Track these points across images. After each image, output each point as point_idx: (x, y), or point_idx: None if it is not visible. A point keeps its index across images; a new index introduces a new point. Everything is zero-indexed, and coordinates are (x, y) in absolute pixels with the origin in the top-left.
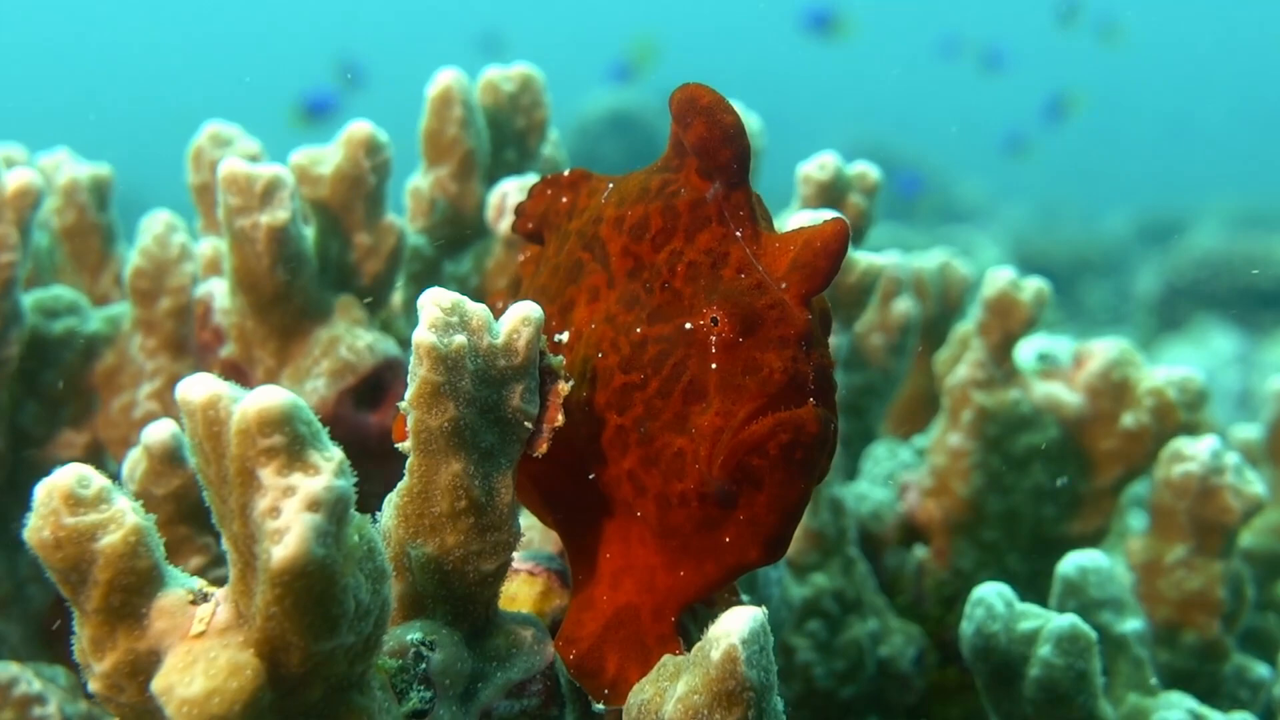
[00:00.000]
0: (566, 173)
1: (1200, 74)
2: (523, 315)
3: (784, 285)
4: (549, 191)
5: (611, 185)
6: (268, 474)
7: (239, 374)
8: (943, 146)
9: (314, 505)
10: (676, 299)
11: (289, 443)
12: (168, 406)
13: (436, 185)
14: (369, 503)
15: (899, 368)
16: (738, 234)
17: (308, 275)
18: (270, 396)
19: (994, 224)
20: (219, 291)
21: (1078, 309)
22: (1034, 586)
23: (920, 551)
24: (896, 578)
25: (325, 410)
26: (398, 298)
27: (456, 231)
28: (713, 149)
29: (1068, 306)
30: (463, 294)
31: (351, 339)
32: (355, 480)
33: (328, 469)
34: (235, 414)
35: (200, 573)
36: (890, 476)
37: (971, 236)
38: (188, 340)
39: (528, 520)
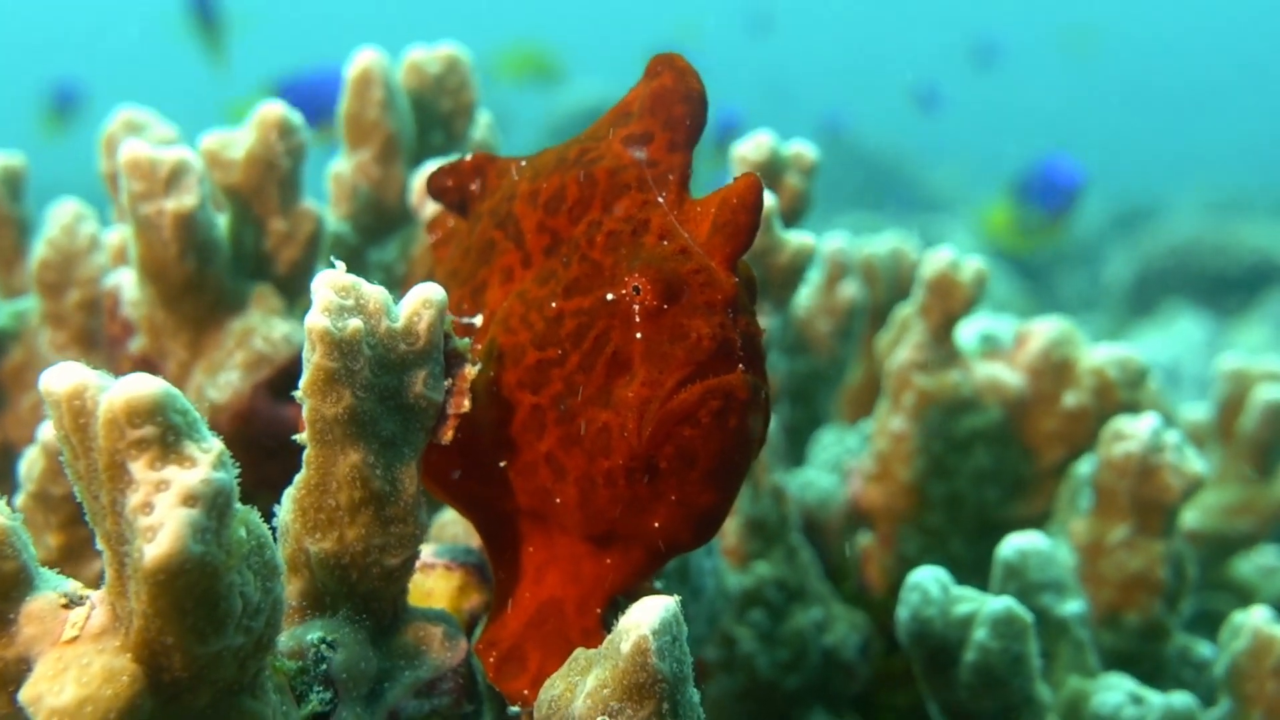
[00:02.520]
0: (469, 157)
1: (1173, 59)
2: (423, 297)
3: (708, 250)
4: (450, 183)
5: (524, 163)
6: (139, 467)
7: (150, 368)
8: (914, 135)
9: (190, 499)
10: (596, 270)
11: (162, 433)
12: None
13: (358, 170)
14: None
15: (846, 352)
16: (660, 199)
17: (220, 263)
18: (139, 385)
19: (968, 212)
20: (127, 283)
21: (1052, 297)
22: (979, 570)
23: (864, 538)
24: (842, 565)
25: (241, 403)
26: None
27: (380, 218)
28: (671, 101)
29: (1041, 295)
30: (389, 282)
31: (267, 329)
32: (238, 472)
33: (205, 460)
34: (102, 404)
35: (102, 577)
36: (836, 462)
37: (944, 225)
38: (98, 334)
39: (451, 514)
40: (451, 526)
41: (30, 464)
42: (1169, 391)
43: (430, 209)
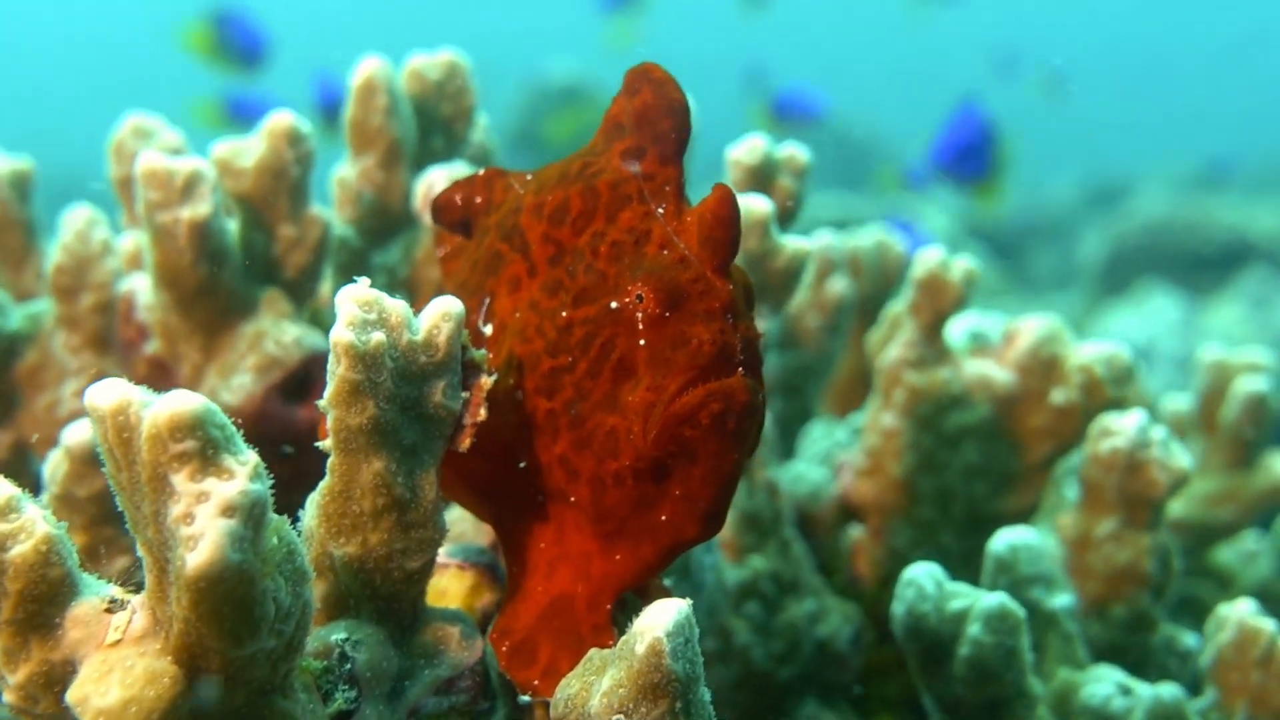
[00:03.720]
0: (481, 172)
1: (1148, 36)
2: (442, 311)
3: (699, 261)
4: (458, 198)
5: (530, 177)
6: (181, 479)
7: (164, 370)
8: (892, 114)
9: (229, 510)
10: (601, 280)
11: (202, 447)
12: None
13: (363, 175)
14: (303, 495)
15: (834, 347)
16: (659, 211)
17: (232, 269)
18: (182, 401)
19: (943, 191)
20: (141, 288)
21: (1025, 276)
22: (969, 564)
23: (855, 531)
24: (833, 557)
25: (253, 405)
26: (326, 289)
27: (384, 221)
28: (655, 117)
29: (1015, 273)
30: (392, 284)
31: (278, 333)
32: (272, 483)
33: (242, 473)
34: (146, 419)
35: (127, 573)
36: (826, 456)
37: (919, 206)
38: (112, 337)
39: (459, 512)
40: (459, 524)
41: (54, 466)
42: (1144, 371)
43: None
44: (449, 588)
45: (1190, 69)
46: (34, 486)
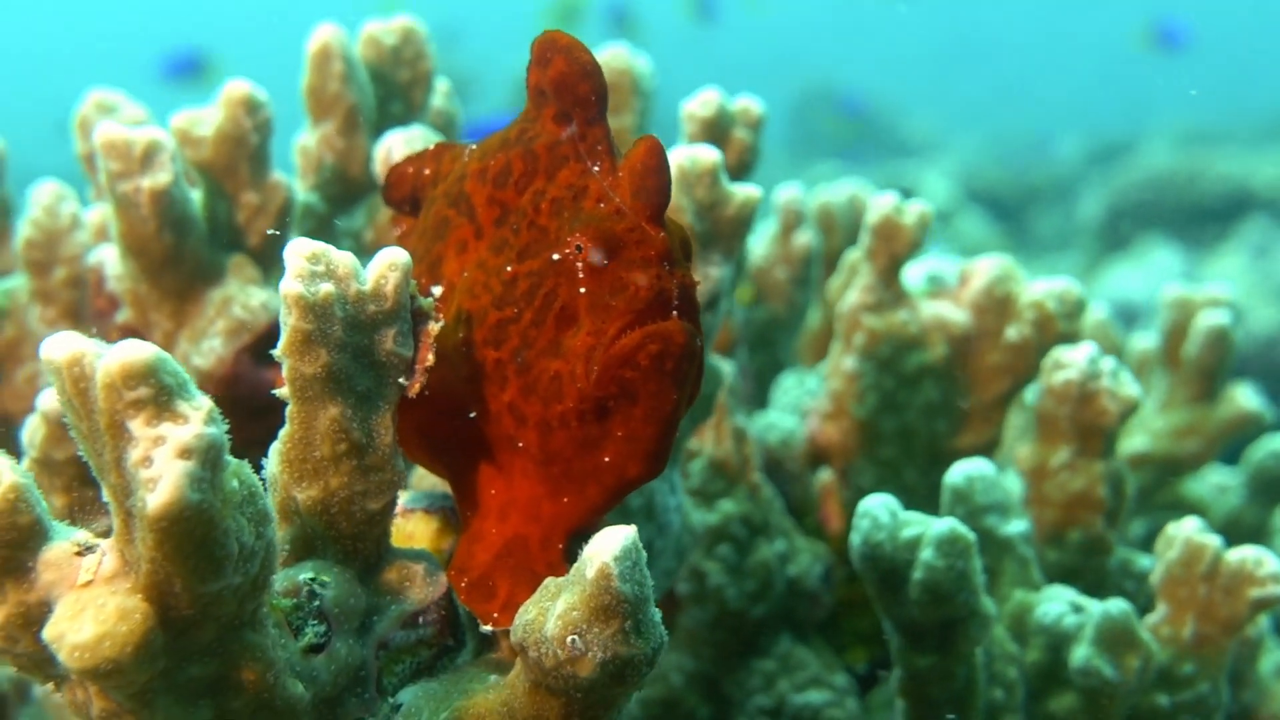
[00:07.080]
0: (432, 146)
1: None
2: (389, 261)
3: (633, 212)
4: (410, 169)
5: (474, 147)
6: (137, 425)
7: (137, 339)
8: (891, 81)
9: (185, 452)
10: (543, 235)
11: (155, 394)
12: None
13: (323, 142)
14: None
15: (803, 299)
16: (595, 168)
17: (196, 237)
18: (134, 350)
19: (944, 157)
20: (110, 258)
21: (1027, 237)
22: (931, 500)
23: (823, 474)
24: (805, 501)
25: (224, 368)
26: None
27: (346, 187)
28: (572, 83)
29: (1017, 235)
30: (357, 249)
31: (245, 298)
32: (227, 427)
33: (196, 417)
34: (100, 369)
35: (108, 534)
36: (797, 404)
37: (920, 172)
38: (86, 308)
39: None
40: (430, 476)
41: (32, 431)
42: (1144, 327)
43: None
44: (415, 531)
45: (1194, 24)
46: (17, 457)
